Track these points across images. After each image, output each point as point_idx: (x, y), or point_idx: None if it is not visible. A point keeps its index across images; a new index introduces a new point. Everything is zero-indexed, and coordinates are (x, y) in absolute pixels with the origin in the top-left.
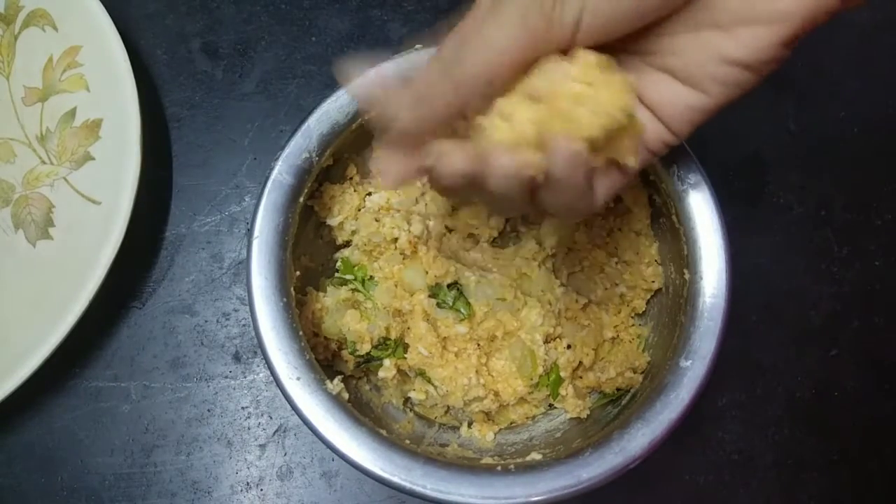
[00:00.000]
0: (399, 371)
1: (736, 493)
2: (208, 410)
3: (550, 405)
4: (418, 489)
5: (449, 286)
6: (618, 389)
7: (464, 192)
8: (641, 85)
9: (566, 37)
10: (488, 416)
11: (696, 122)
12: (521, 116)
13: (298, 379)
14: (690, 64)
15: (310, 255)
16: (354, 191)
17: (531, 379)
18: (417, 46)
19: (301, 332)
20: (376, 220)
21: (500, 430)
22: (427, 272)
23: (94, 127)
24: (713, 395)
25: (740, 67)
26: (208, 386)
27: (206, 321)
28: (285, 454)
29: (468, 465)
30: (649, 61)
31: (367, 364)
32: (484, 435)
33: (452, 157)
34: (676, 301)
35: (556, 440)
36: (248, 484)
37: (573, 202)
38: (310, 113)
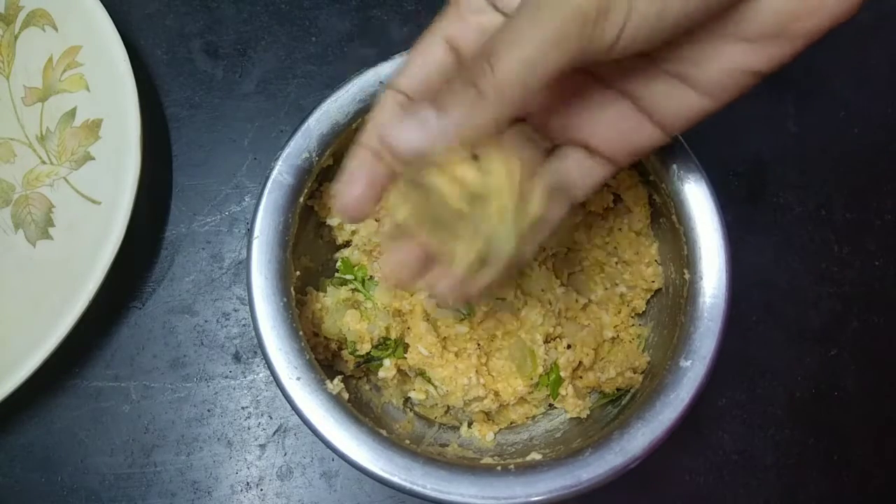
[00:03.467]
0: (399, 371)
1: (736, 493)
2: (208, 410)
3: (550, 405)
4: (418, 489)
5: None
6: (618, 389)
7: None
8: (653, 93)
9: (602, 53)
10: (488, 416)
11: (692, 125)
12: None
13: (298, 379)
14: (711, 73)
15: (310, 255)
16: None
17: (531, 379)
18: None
19: (301, 332)
20: (376, 220)
21: (500, 430)
22: None
23: (94, 127)
24: (713, 395)
25: (755, 76)
26: (208, 386)
27: (206, 321)
28: (285, 454)
29: (468, 465)
30: (667, 68)
31: (367, 364)
32: (484, 435)
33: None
34: (676, 301)
35: (556, 440)
36: (248, 484)
37: None
38: (310, 113)
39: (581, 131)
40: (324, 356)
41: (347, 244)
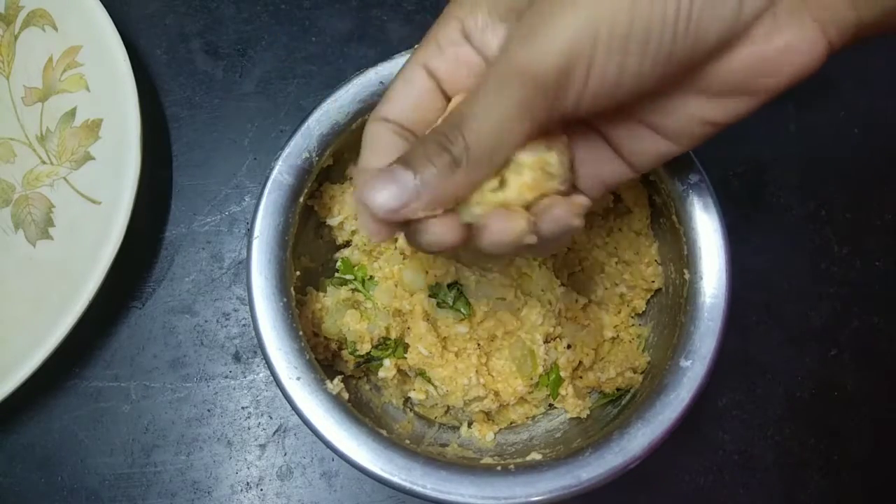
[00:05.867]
0: (399, 371)
1: (736, 493)
2: (208, 410)
3: (550, 405)
4: (418, 489)
5: (449, 286)
6: (618, 389)
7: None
8: (622, 135)
9: (567, 115)
10: (488, 416)
11: (660, 164)
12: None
13: (298, 379)
14: (674, 122)
15: (310, 255)
16: (354, 190)
17: (531, 379)
18: (417, 47)
19: (301, 332)
20: None
21: (500, 430)
22: (427, 272)
23: (94, 127)
24: (713, 395)
25: (715, 126)
26: (208, 386)
27: (206, 321)
28: (285, 454)
29: (468, 465)
30: (635, 115)
31: (367, 364)
32: (484, 435)
33: (440, 233)
34: (676, 301)
35: (556, 440)
36: (248, 484)
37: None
38: (310, 113)
39: None
40: (324, 356)
41: (347, 244)
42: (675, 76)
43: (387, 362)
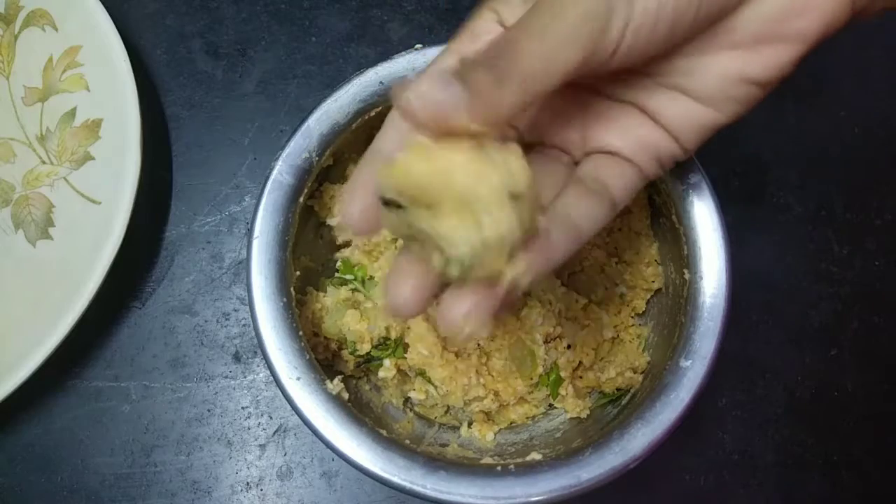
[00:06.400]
0: (399, 371)
1: (736, 493)
2: (208, 410)
3: (550, 405)
4: (418, 489)
5: None
6: (618, 389)
7: None
8: (656, 104)
9: (604, 58)
10: (488, 416)
11: (705, 138)
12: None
13: (298, 379)
14: (707, 84)
15: (310, 255)
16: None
17: (531, 379)
18: (417, 46)
19: (301, 332)
20: None
21: (500, 430)
22: None
23: (94, 127)
24: (713, 395)
25: (757, 85)
26: (208, 386)
27: (206, 321)
28: (285, 454)
29: (468, 465)
30: (663, 82)
31: (367, 364)
32: (484, 435)
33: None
34: (676, 301)
35: (556, 440)
36: (248, 484)
37: None
38: (310, 113)
39: (601, 140)
40: (324, 356)
41: (347, 244)
42: (705, 25)
43: (387, 362)
